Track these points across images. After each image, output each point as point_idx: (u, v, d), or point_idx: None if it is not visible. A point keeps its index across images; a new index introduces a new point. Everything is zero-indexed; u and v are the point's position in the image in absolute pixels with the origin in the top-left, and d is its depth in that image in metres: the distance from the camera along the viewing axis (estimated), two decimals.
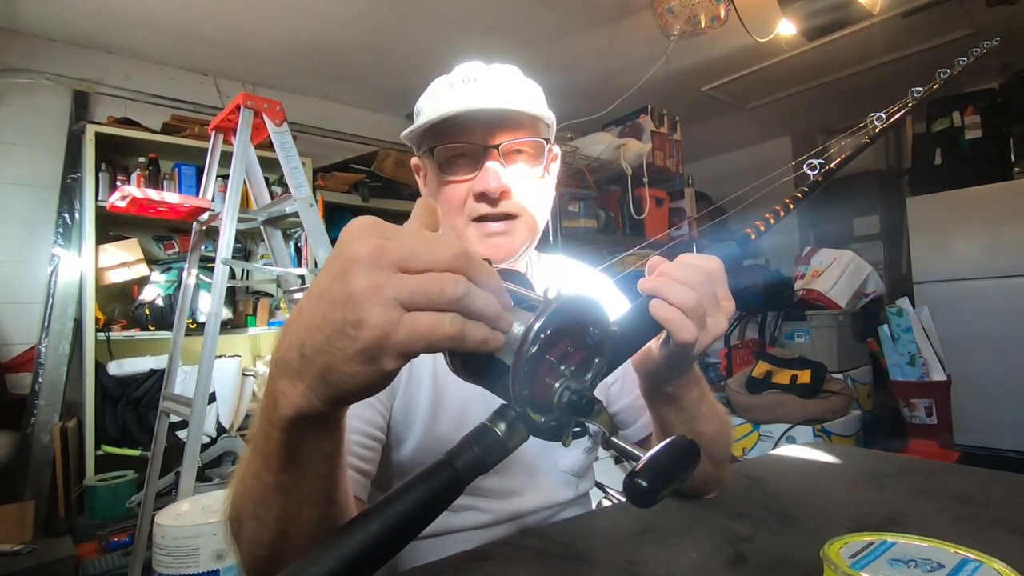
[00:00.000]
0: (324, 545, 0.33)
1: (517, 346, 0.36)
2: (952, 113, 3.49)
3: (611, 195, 3.30)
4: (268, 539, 0.45)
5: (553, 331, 0.37)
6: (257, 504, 0.45)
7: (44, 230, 2.61)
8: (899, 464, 0.91)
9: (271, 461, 0.41)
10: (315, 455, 0.41)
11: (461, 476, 0.37)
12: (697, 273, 0.54)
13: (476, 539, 0.70)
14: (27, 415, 2.40)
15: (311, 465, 0.42)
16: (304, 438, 0.39)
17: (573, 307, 0.38)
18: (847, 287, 3.36)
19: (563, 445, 0.41)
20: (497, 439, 0.38)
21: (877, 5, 2.58)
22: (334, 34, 2.78)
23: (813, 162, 0.66)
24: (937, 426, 3.17)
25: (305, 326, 0.35)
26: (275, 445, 0.40)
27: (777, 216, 0.63)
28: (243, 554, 0.49)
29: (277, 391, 0.38)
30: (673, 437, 0.41)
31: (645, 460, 0.39)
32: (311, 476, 0.42)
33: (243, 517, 0.47)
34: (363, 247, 0.33)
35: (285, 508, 0.43)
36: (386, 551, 0.34)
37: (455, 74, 0.75)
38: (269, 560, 0.47)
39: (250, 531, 0.47)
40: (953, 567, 0.38)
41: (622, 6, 2.65)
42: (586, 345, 0.40)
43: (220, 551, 1.29)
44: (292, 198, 1.89)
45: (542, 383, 0.38)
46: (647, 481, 0.38)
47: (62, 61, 2.71)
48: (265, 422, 0.40)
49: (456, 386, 0.71)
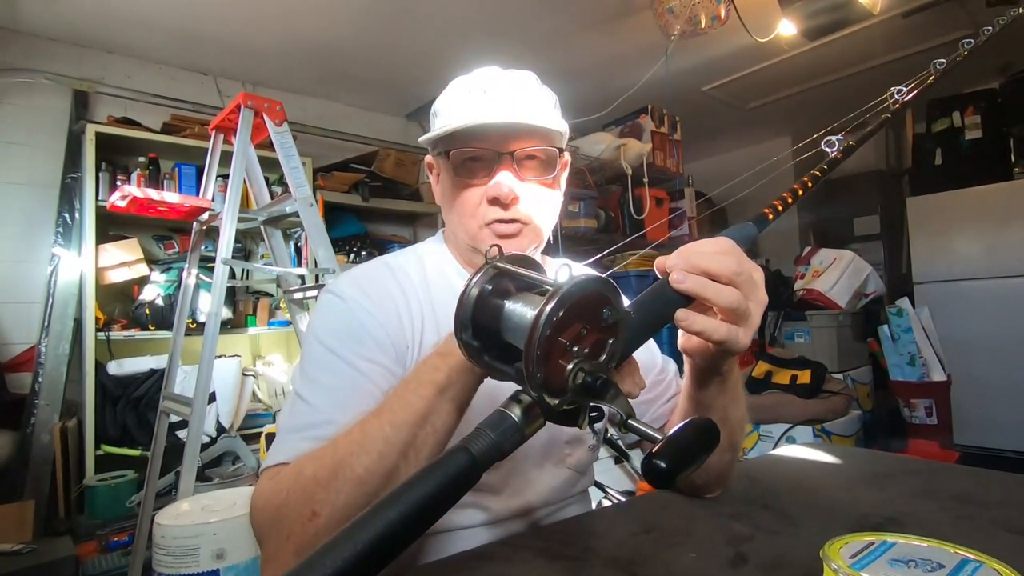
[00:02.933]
0: (345, 531, 0.34)
1: (529, 330, 0.36)
2: (952, 113, 3.49)
3: (611, 195, 3.30)
4: (387, 468, 0.53)
5: (565, 313, 0.36)
6: (394, 431, 0.54)
7: (44, 230, 2.61)
8: (899, 464, 0.91)
9: (427, 390, 0.54)
10: (463, 391, 0.54)
11: (478, 462, 0.37)
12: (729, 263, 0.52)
13: (477, 537, 0.70)
14: (27, 415, 2.40)
15: (458, 398, 0.54)
16: (464, 373, 0.53)
17: (584, 289, 0.38)
18: (847, 287, 3.36)
19: (579, 428, 0.41)
20: (513, 424, 0.38)
21: (877, 5, 2.58)
22: (334, 34, 2.78)
23: (832, 139, 0.64)
24: (937, 426, 3.17)
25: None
26: (443, 374, 0.53)
27: (795, 195, 0.62)
28: (340, 495, 0.54)
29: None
30: (692, 418, 0.40)
31: (664, 441, 0.38)
32: (452, 407, 0.54)
33: (363, 451, 0.54)
34: None
35: (419, 434, 0.54)
36: (405, 537, 0.35)
37: (474, 79, 0.76)
38: (372, 496, 0.53)
39: (369, 464, 0.54)
40: (953, 567, 0.38)
41: (622, 6, 2.65)
42: (600, 327, 0.39)
43: (220, 551, 1.29)
44: (292, 198, 1.89)
45: (556, 366, 0.37)
46: (666, 462, 0.37)
47: (62, 61, 2.71)
48: (437, 358, 0.54)
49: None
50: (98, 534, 2.16)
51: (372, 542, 0.33)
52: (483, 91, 0.74)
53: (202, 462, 2.28)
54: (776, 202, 0.61)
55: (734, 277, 0.51)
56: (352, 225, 3.37)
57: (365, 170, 3.26)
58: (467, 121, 0.70)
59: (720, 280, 0.51)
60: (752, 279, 0.53)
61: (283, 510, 0.56)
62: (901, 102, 0.73)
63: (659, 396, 0.84)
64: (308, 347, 0.70)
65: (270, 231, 2.14)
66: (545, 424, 0.40)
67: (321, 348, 0.68)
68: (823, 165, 0.65)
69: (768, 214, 0.61)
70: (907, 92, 0.73)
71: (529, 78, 0.78)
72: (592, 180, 3.14)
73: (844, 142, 0.65)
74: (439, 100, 0.79)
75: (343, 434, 0.57)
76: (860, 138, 0.68)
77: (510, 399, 0.39)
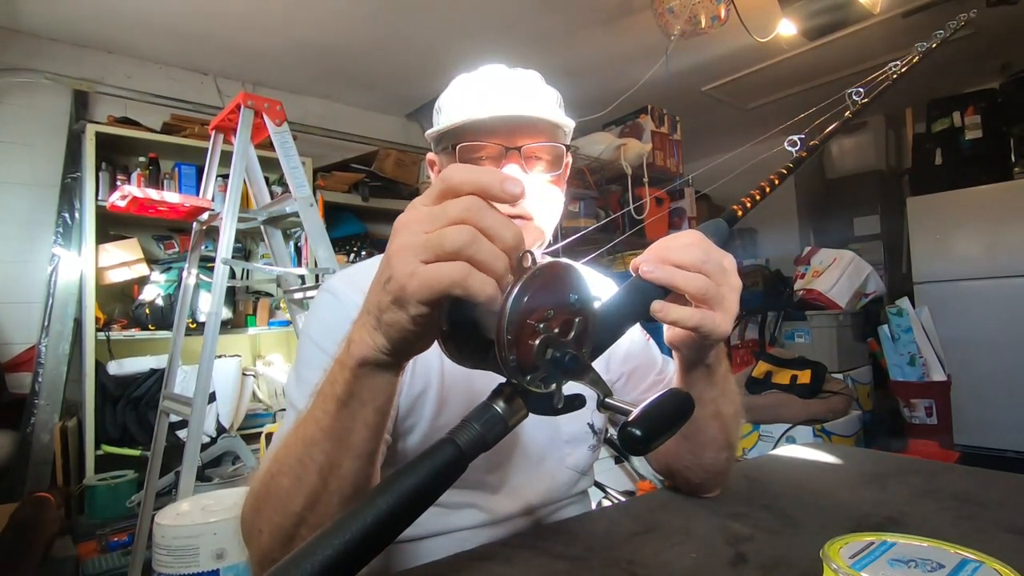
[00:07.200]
0: (335, 522, 0.35)
1: (497, 316, 0.37)
2: (952, 113, 3.49)
3: (611, 195, 3.30)
4: (306, 490, 0.49)
5: (531, 297, 0.38)
6: (306, 450, 0.49)
7: (44, 230, 2.61)
8: (899, 464, 0.91)
9: (329, 403, 0.48)
10: (369, 404, 0.47)
11: (464, 453, 0.38)
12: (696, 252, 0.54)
13: (476, 538, 0.70)
14: (27, 415, 2.40)
15: (363, 412, 0.47)
16: (363, 382, 0.46)
17: (547, 273, 0.39)
18: (847, 287, 3.36)
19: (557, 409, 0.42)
20: (496, 415, 0.40)
21: (877, 5, 2.58)
22: (335, 34, 2.78)
23: (793, 138, 0.67)
24: (937, 426, 3.17)
25: (373, 286, 0.44)
26: (339, 387, 0.47)
27: (763, 192, 0.64)
28: (274, 515, 0.52)
29: (352, 339, 0.46)
30: (667, 390, 0.43)
31: (639, 411, 0.40)
32: (361, 424, 0.48)
33: (284, 471, 0.51)
34: (403, 217, 0.41)
35: (330, 453, 0.48)
36: (394, 527, 0.36)
37: (479, 76, 0.77)
38: (299, 517, 0.50)
39: (288, 486, 0.50)
40: (953, 567, 0.38)
41: (622, 6, 2.65)
42: (567, 310, 0.41)
43: (220, 551, 1.29)
44: (292, 198, 1.89)
45: (526, 346, 0.38)
46: (640, 430, 0.39)
47: (62, 60, 2.71)
48: (337, 365, 0.48)
49: (463, 380, 0.72)
50: (98, 534, 2.16)
51: (361, 533, 0.34)
52: (489, 86, 0.75)
53: (202, 462, 2.28)
54: (745, 199, 0.63)
55: (701, 265, 0.54)
56: (352, 225, 3.37)
57: (365, 170, 3.26)
58: (475, 115, 0.70)
59: (688, 269, 0.54)
60: (721, 265, 0.55)
61: (243, 523, 0.56)
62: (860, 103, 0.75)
63: None
64: (301, 345, 0.70)
65: (270, 231, 2.14)
66: (528, 415, 0.41)
67: (313, 346, 0.68)
68: (789, 163, 0.67)
69: (738, 210, 0.63)
70: (865, 94, 0.76)
71: (534, 77, 0.78)
72: (592, 180, 3.14)
73: (807, 141, 0.68)
74: (443, 96, 0.79)
75: (282, 445, 0.53)
76: (822, 138, 0.71)
77: (494, 392, 0.41)
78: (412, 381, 0.71)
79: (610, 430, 0.95)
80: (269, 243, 2.16)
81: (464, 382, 0.72)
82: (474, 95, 0.75)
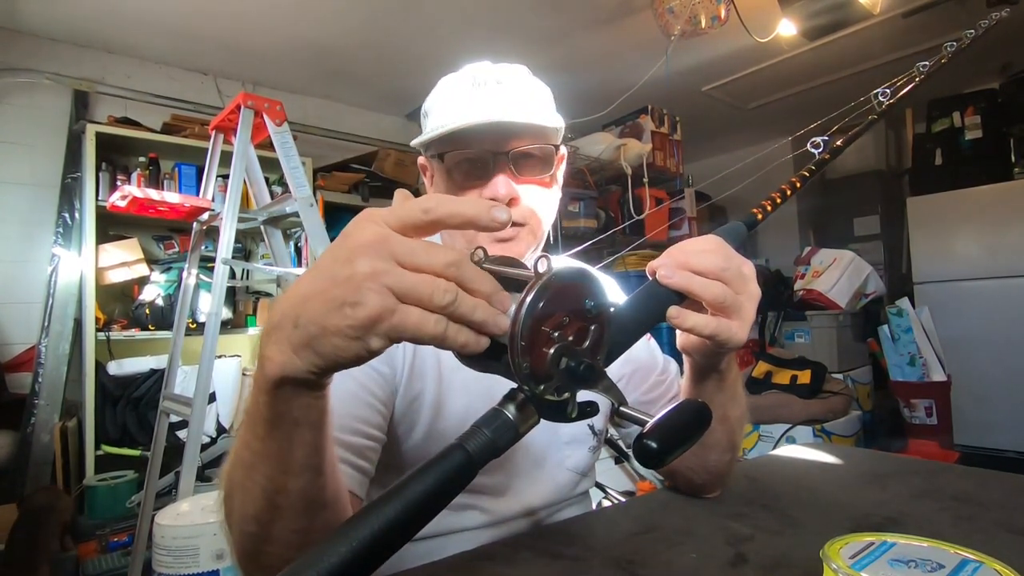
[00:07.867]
0: (341, 529, 0.34)
1: (511, 321, 0.36)
2: (952, 113, 3.49)
3: (611, 195, 3.30)
4: (255, 511, 0.46)
5: (546, 302, 0.37)
6: (246, 473, 0.46)
7: (44, 230, 2.61)
8: (899, 464, 0.91)
9: (258, 426, 0.43)
10: (301, 422, 0.43)
11: (474, 459, 0.37)
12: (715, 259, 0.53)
13: (476, 539, 0.70)
14: (27, 415, 2.40)
15: (297, 432, 0.43)
16: (289, 403, 0.41)
17: (563, 278, 0.38)
18: (847, 287, 3.36)
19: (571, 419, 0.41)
20: (508, 421, 0.39)
21: (877, 5, 2.58)
22: (334, 34, 2.78)
23: (816, 140, 0.65)
24: (937, 426, 3.17)
25: (302, 298, 0.37)
26: (262, 408, 0.42)
27: (784, 195, 0.63)
28: (233, 532, 0.50)
29: (265, 356, 0.40)
30: (684, 400, 0.41)
31: (654, 422, 0.39)
32: (296, 443, 0.43)
33: (234, 490, 0.48)
34: (369, 234, 0.36)
35: (272, 476, 0.45)
36: (401, 535, 0.35)
37: (464, 76, 0.74)
38: (257, 536, 0.48)
39: (239, 504, 0.48)
40: (953, 567, 0.38)
41: (622, 6, 2.65)
42: (582, 317, 0.40)
43: (220, 551, 1.29)
44: (292, 198, 1.89)
45: (540, 354, 0.37)
46: (656, 442, 0.38)
47: (62, 61, 2.71)
48: (254, 388, 0.42)
49: (461, 383, 0.71)
50: (98, 534, 2.16)
51: (369, 539, 0.34)
52: (474, 85, 0.72)
53: (202, 462, 2.27)
54: (765, 202, 0.62)
55: (720, 272, 0.52)
56: None
57: (365, 170, 3.26)
58: (460, 122, 0.68)
59: (707, 276, 0.52)
60: (741, 273, 0.54)
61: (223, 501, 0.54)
62: (886, 104, 0.74)
63: (661, 396, 0.84)
64: None
65: (270, 231, 2.14)
66: (540, 421, 0.40)
67: None
68: (811, 166, 0.66)
69: (758, 214, 0.62)
70: (891, 95, 0.73)
71: (521, 72, 0.76)
72: (592, 180, 3.14)
73: (831, 143, 0.66)
74: (429, 99, 0.77)
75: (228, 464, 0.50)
76: (846, 139, 0.69)
77: (505, 397, 0.40)
78: (409, 383, 0.70)
79: (610, 431, 0.94)
80: (269, 243, 2.16)
81: (461, 384, 0.71)
82: (460, 99, 0.72)
